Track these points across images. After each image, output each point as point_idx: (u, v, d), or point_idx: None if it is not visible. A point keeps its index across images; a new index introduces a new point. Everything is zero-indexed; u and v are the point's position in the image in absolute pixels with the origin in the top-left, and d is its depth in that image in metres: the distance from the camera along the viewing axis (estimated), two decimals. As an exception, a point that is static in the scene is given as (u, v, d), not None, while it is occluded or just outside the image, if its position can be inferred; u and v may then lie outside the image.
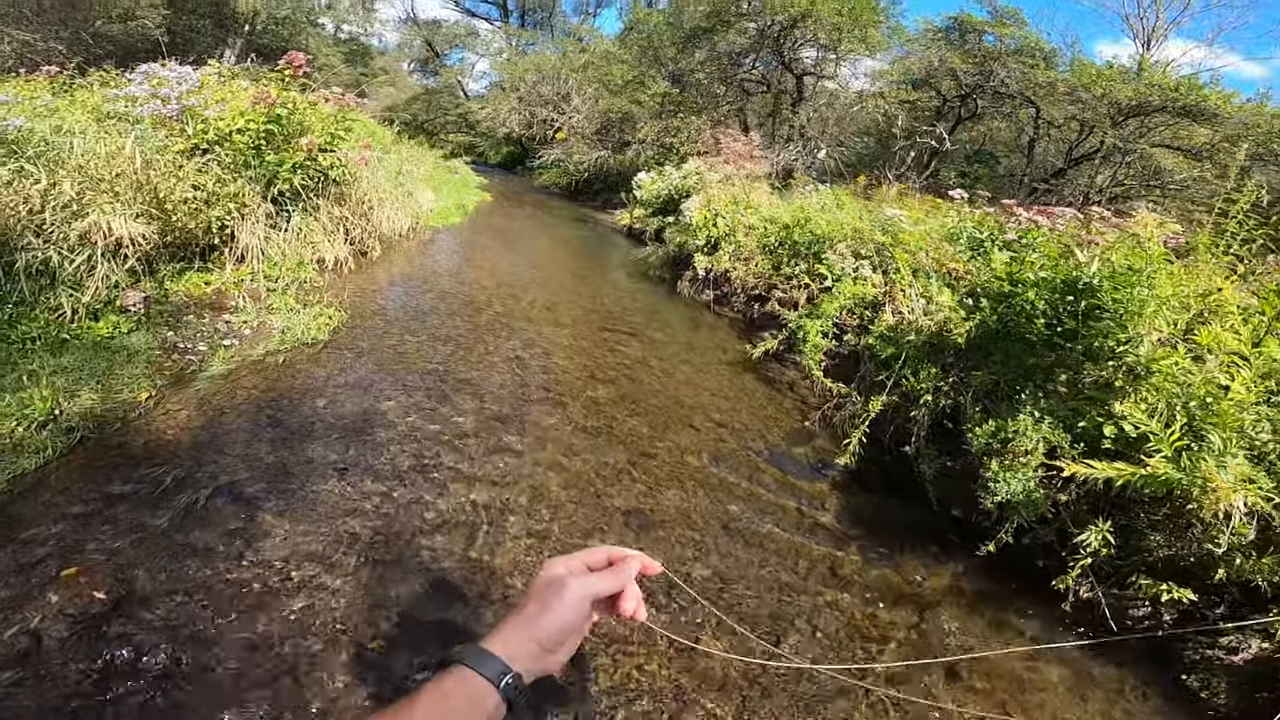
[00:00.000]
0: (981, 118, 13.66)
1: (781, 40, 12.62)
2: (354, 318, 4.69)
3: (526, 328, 5.21)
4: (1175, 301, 3.06)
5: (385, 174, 7.46)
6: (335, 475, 2.87)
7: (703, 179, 9.35)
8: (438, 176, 11.93)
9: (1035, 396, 3.19)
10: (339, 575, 2.32)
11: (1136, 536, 2.82)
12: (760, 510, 3.27)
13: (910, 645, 2.57)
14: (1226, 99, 10.33)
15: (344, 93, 6.64)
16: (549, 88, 18.39)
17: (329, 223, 5.92)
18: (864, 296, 5.00)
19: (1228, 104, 10.29)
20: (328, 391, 3.59)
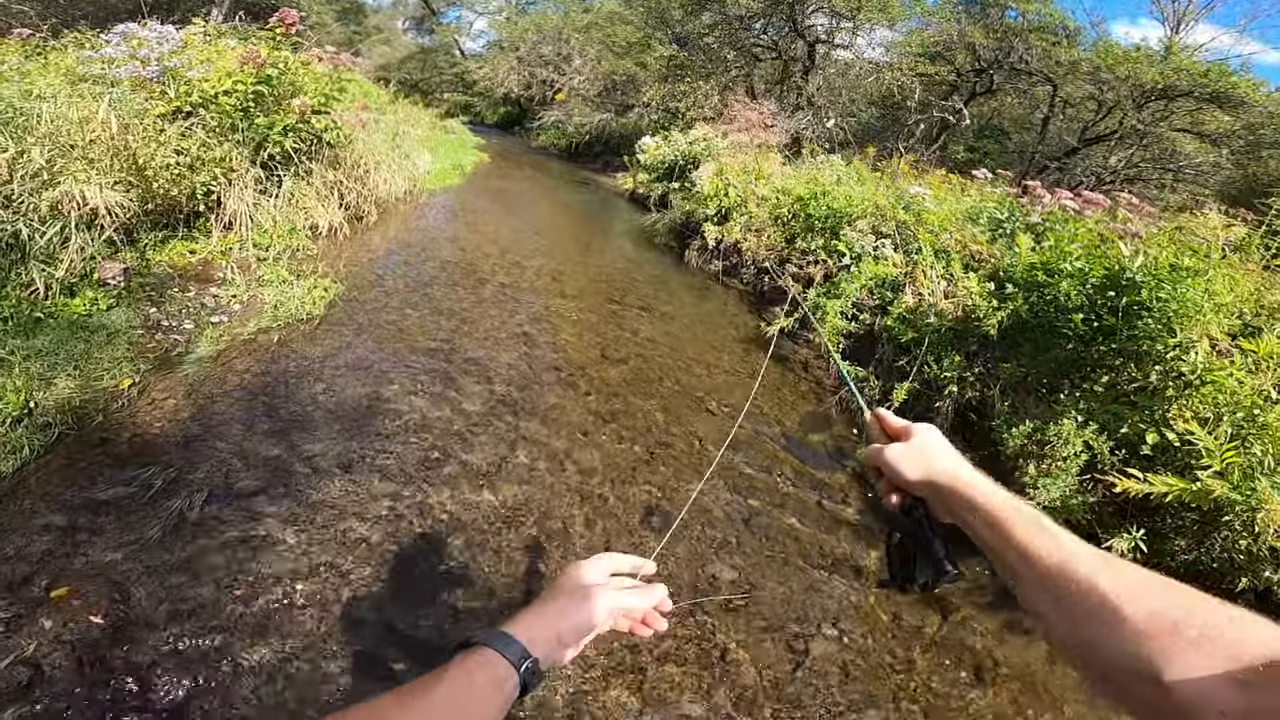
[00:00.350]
0: (996, 94, 13.27)
1: (795, 6, 12.11)
2: (351, 289, 4.46)
3: (533, 300, 5.00)
4: (1231, 307, 2.89)
5: (381, 136, 7.12)
6: (339, 473, 2.67)
7: (711, 146, 9.03)
8: (434, 137, 11.51)
9: (1074, 397, 3.04)
10: (351, 587, 2.15)
11: (1160, 540, 2.73)
12: (781, 504, 3.15)
13: (936, 645, 2.49)
14: (1255, 87, 10.09)
15: (338, 51, 6.27)
16: (550, 48, 17.73)
17: (322, 187, 5.62)
18: (884, 276, 4.81)
19: (1256, 92, 10.05)
20: (326, 375, 3.38)
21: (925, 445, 0.78)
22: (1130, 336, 3.06)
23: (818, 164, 7.86)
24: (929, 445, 0.78)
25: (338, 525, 2.39)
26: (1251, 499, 2.25)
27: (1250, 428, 2.54)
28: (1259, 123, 10.51)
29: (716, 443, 3.54)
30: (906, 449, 0.78)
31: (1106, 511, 2.83)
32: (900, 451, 0.78)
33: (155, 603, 1.95)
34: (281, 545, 2.25)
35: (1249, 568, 2.45)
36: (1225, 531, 2.54)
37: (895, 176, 7.17)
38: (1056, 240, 3.82)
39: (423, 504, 2.60)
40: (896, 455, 0.78)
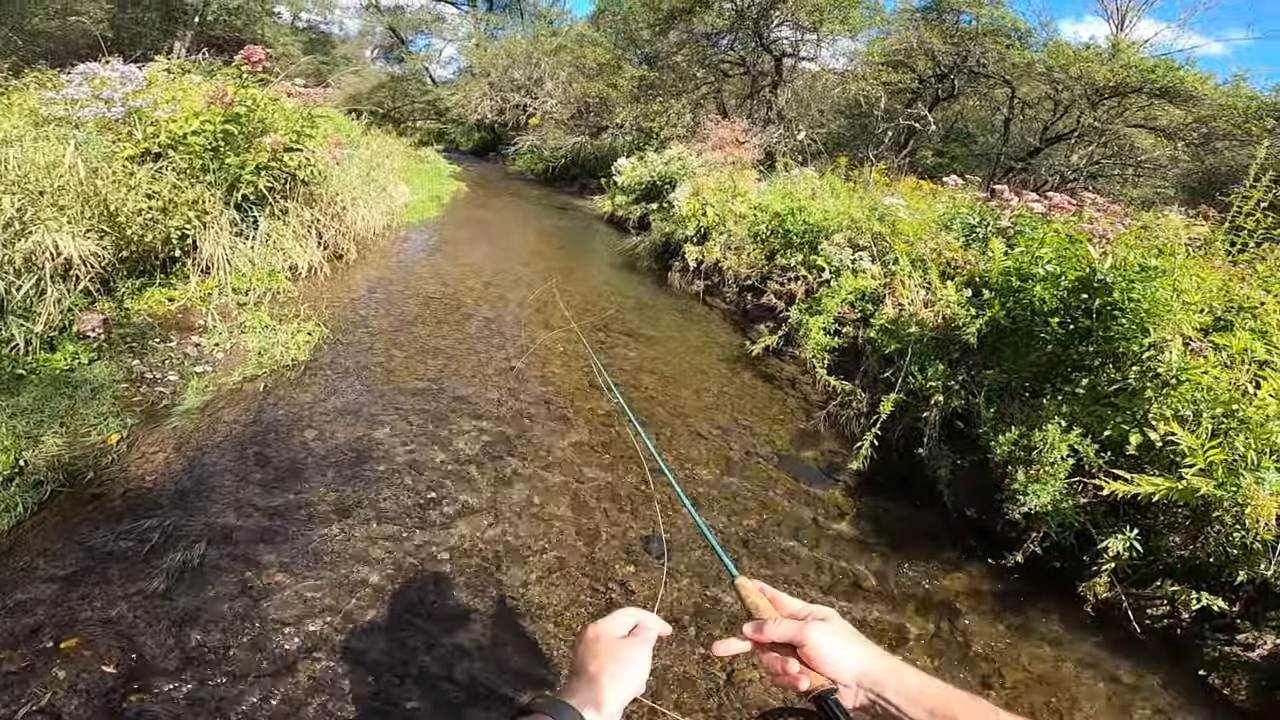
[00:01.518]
0: (958, 98, 13.61)
1: (760, 21, 12.36)
2: (335, 331, 4.43)
3: (519, 333, 5.00)
4: (1200, 304, 2.98)
5: (356, 170, 7.11)
6: (336, 518, 2.68)
7: (687, 165, 9.14)
8: (410, 168, 11.52)
9: (1056, 401, 3.10)
10: (358, 629, 2.18)
11: (1154, 537, 2.78)
12: (778, 524, 3.17)
13: (941, 655, 2.51)
14: (1203, 80, 10.43)
15: (307, 85, 6.26)
16: (521, 72, 17.86)
17: (299, 227, 5.59)
18: (864, 289, 4.89)
19: (1204, 85, 10.39)
20: (316, 421, 3.36)
21: (844, 629, 0.76)
22: (1106, 338, 3.13)
23: (792, 178, 7.98)
24: (847, 629, 0.76)
25: (339, 570, 2.40)
26: (1238, 495, 2.30)
27: (1230, 423, 2.61)
28: (1210, 115, 10.81)
29: (708, 466, 3.56)
30: (833, 630, 0.75)
31: (1099, 513, 2.87)
32: (830, 633, 0.74)
33: (165, 651, 1.98)
34: (285, 591, 2.27)
35: (1245, 561, 2.48)
36: (1217, 527, 2.60)
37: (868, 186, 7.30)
38: (1027, 244, 3.90)
39: (421, 545, 2.61)
40: (828, 636, 0.74)
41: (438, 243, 7.90)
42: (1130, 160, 12.73)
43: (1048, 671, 2.50)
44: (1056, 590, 2.86)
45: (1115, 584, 2.72)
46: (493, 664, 2.16)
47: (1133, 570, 2.78)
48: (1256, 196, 3.34)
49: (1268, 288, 3.32)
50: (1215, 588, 2.56)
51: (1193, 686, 2.50)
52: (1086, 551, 2.81)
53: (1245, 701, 2.42)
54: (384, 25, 27.99)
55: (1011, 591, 2.90)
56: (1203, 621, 2.66)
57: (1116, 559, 2.63)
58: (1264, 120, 9.93)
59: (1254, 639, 2.54)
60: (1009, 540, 2.99)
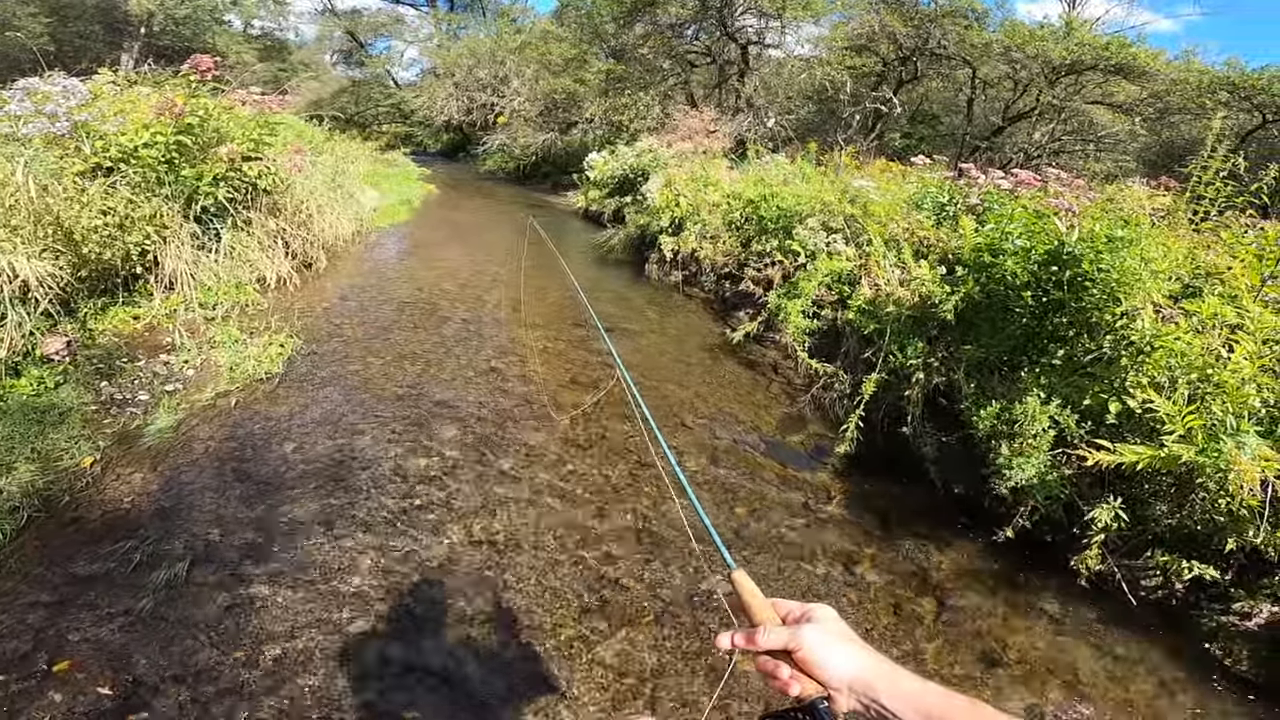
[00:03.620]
0: (921, 80, 13.74)
1: (724, 9, 12.34)
2: (308, 342, 4.33)
3: (497, 333, 4.94)
4: (1168, 271, 3.03)
5: (321, 176, 6.96)
6: (321, 530, 2.64)
7: (658, 157, 9.10)
8: (377, 172, 11.32)
9: (1034, 373, 3.14)
10: (351, 639, 2.17)
11: (1142, 507, 2.82)
12: (768, 510, 3.18)
13: (941, 635, 2.53)
14: (1155, 57, 10.69)
15: (264, 93, 6.11)
16: (486, 71, 17.62)
17: (264, 237, 5.46)
18: (840, 271, 4.91)
19: (1156, 61, 10.64)
20: (294, 433, 3.29)
21: (836, 630, 0.72)
22: (1079, 308, 3.18)
23: (763, 164, 7.99)
24: (840, 630, 0.72)
25: (328, 581, 2.39)
26: (1219, 460, 2.33)
27: (1206, 387, 2.65)
28: (1165, 90, 11.12)
29: (696, 456, 3.55)
30: (824, 633, 0.72)
31: (1085, 484, 2.90)
32: (821, 636, 0.71)
33: (159, 670, 1.97)
34: (275, 605, 2.26)
35: (1232, 528, 2.49)
36: (1202, 494, 2.63)
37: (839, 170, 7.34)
38: (996, 221, 3.94)
39: (410, 552, 2.58)
40: (819, 640, 0.71)
41: (410, 246, 7.78)
42: (1090, 136, 12.99)
43: (1048, 647, 2.52)
44: (1049, 564, 2.90)
45: (1106, 556, 2.74)
46: (489, 670, 2.14)
47: (1123, 541, 2.81)
48: (1215, 166, 3.40)
49: (1234, 253, 3.40)
50: (1206, 556, 2.57)
51: (1194, 657, 2.52)
52: (1075, 523, 2.84)
53: (1248, 671, 2.45)
54: (342, 29, 27.42)
55: (1004, 567, 2.93)
56: (1197, 591, 2.68)
57: (1105, 530, 2.66)
58: (1217, 93, 10.23)
59: (1250, 607, 2.57)
60: (998, 515, 3.02)
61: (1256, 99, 10.05)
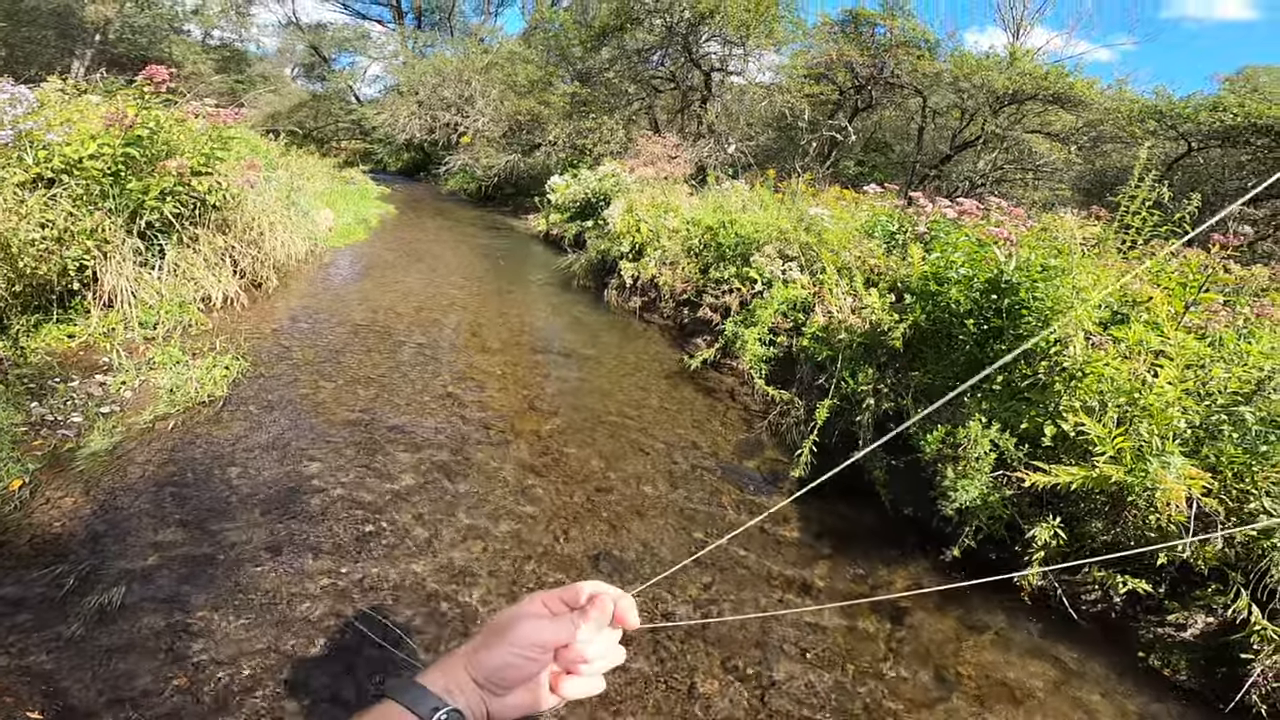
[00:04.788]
0: (875, 108, 14.29)
1: (690, 36, 12.65)
2: (256, 364, 4.21)
3: (454, 359, 4.88)
4: (1097, 300, 3.21)
5: (275, 193, 6.81)
6: (268, 556, 2.56)
7: (620, 182, 9.20)
8: (334, 190, 11.13)
9: (976, 399, 3.27)
10: (300, 666, 2.10)
11: (1078, 524, 2.95)
12: (726, 532, 3.18)
13: (895, 653, 2.58)
14: (1090, 86, 11.30)
15: (219, 105, 5.98)
16: (451, 90, 17.57)
17: (211, 254, 5.30)
18: (795, 299, 5.03)
19: (1091, 90, 11.25)
20: (238, 458, 3.18)
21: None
22: (1016, 335, 3.33)
23: (723, 191, 8.16)
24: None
25: (275, 607, 2.32)
26: (1147, 479, 2.47)
27: (1134, 410, 2.80)
28: (1098, 119, 11.70)
29: (654, 482, 3.56)
30: None
31: (1025, 503, 3.02)
32: None
33: (94, 695, 1.90)
34: (218, 632, 2.19)
35: (1162, 543, 2.63)
36: (1133, 511, 2.77)
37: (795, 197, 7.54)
38: (942, 249, 4.11)
39: (363, 578, 2.52)
40: None
41: (366, 268, 7.64)
42: (1029, 165, 13.66)
43: (997, 663, 2.59)
44: (995, 581, 2.98)
45: (1047, 572, 2.86)
46: None
47: (1062, 558, 2.93)
48: (1141, 196, 3.61)
49: (1157, 282, 3.61)
50: (1140, 571, 2.70)
51: (1134, 668, 2.63)
52: (1018, 542, 2.95)
53: (1186, 681, 2.55)
54: (305, 43, 27.02)
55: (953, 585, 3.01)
56: (1134, 604, 2.80)
57: (1045, 547, 2.77)
58: (1146, 122, 10.71)
59: (1184, 619, 2.69)
60: (945, 535, 3.11)
61: (1182, 127, 10.34)
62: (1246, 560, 2.58)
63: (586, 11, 14.92)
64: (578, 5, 15.83)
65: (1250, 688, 2.36)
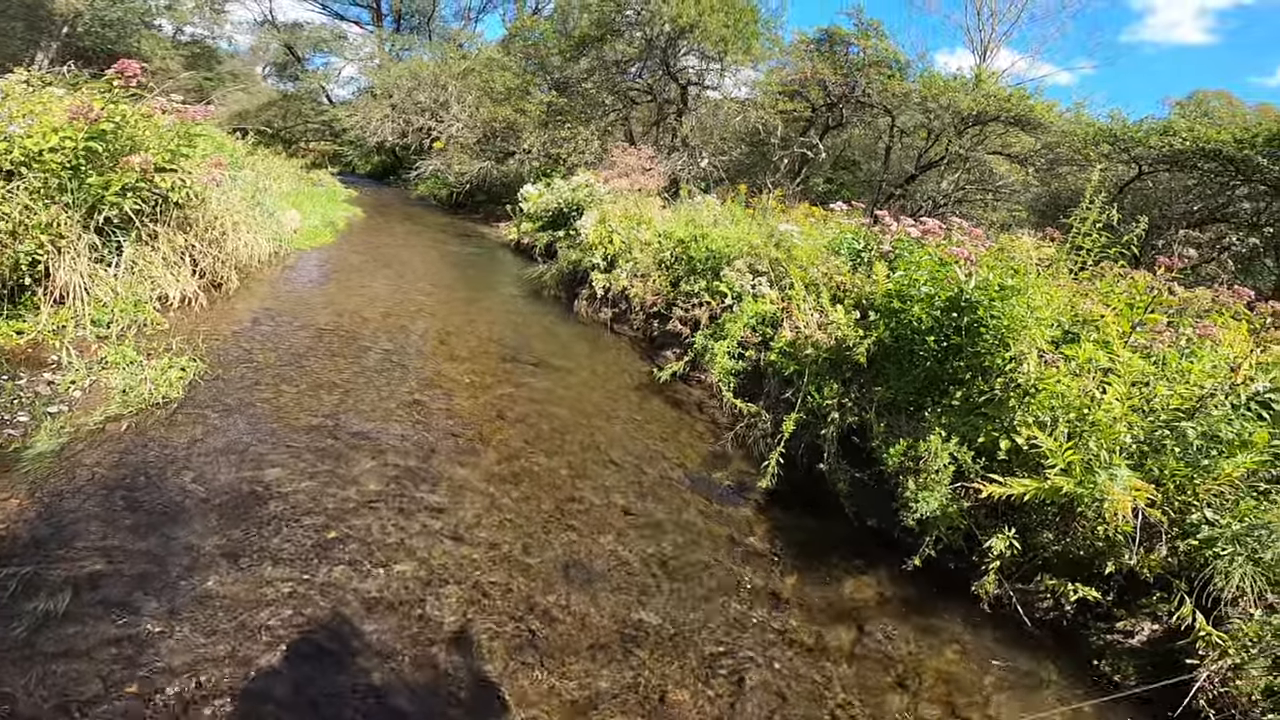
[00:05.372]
0: (845, 126, 14.64)
1: (669, 50, 12.81)
2: (214, 367, 4.09)
3: (422, 366, 4.82)
4: (1050, 319, 3.34)
5: (239, 193, 6.66)
6: (225, 563, 2.50)
7: (594, 192, 9.24)
8: (301, 191, 10.93)
9: (936, 413, 3.37)
10: (261, 675, 2.05)
11: (1031, 535, 3.05)
12: (694, 544, 3.22)
13: (860, 661, 2.63)
14: (1049, 108, 11.72)
15: (186, 101, 5.84)
16: (426, 95, 17.42)
17: (171, 253, 5.16)
18: (764, 314, 5.11)
19: (1050, 113, 11.67)
20: (194, 463, 3.08)
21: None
22: (974, 353, 3.44)
23: (695, 205, 8.25)
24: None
25: (234, 615, 2.26)
26: (1094, 491, 2.58)
27: (1083, 425, 2.92)
28: (1055, 142, 12.11)
29: (623, 492, 3.57)
30: None
31: (981, 515, 3.12)
32: None
33: (38, 700, 1.84)
34: (173, 639, 2.12)
35: (1110, 552, 2.75)
36: (1082, 522, 2.88)
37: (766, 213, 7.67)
38: (905, 268, 4.23)
39: (326, 586, 2.47)
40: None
41: (332, 271, 7.50)
42: (990, 185, 14.12)
43: (957, 669, 2.66)
44: (954, 590, 3.07)
45: (1003, 581, 2.95)
46: (415, 703, 2.07)
47: (1016, 567, 3.03)
48: (1092, 218, 3.77)
49: (1106, 302, 3.78)
50: (1089, 579, 2.81)
51: (1087, 675, 2.71)
52: (975, 551, 3.04)
53: (1136, 687, 2.64)
54: (280, 42, 26.53)
55: (915, 594, 3.08)
56: (1084, 611, 2.91)
57: (1000, 557, 2.86)
58: (1100, 145, 11.05)
59: (1131, 626, 2.80)
60: (907, 545, 3.18)
61: (1134, 151, 10.67)
62: (1189, 568, 2.70)
63: (567, 21, 15.00)
64: (559, 14, 15.89)
65: (1197, 693, 2.45)
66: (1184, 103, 17.53)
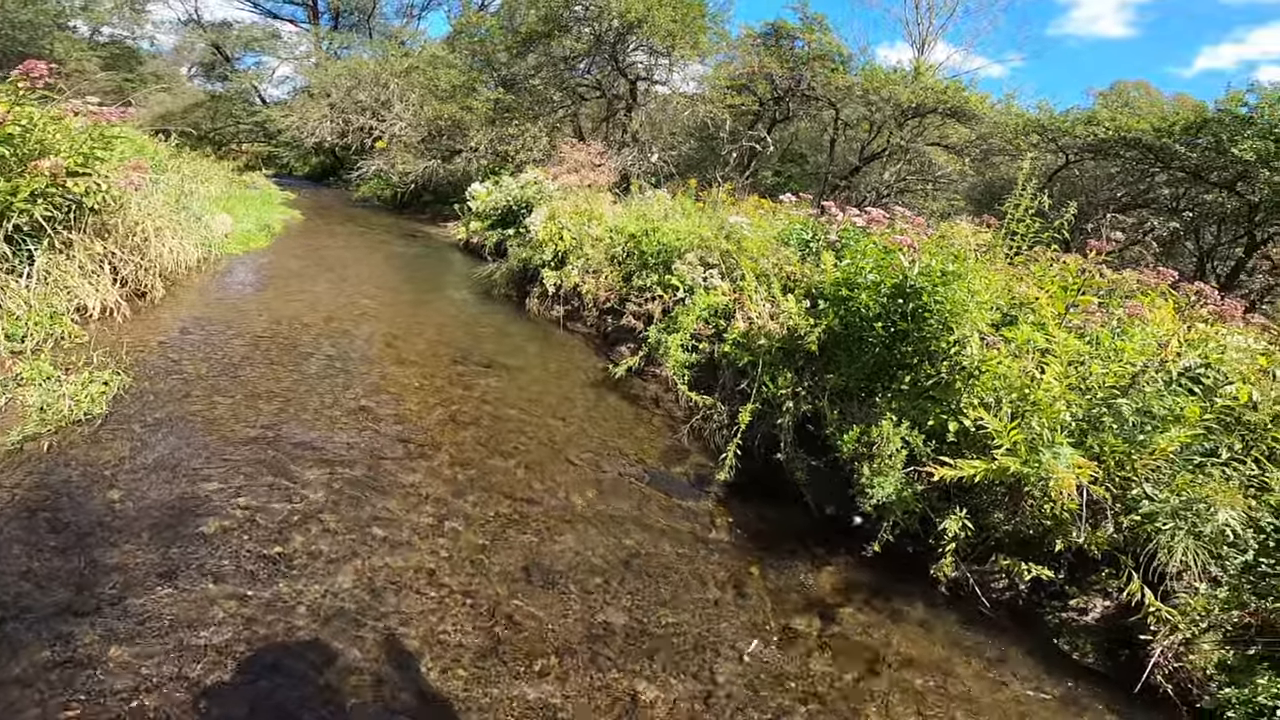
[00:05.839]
0: (792, 120, 14.87)
1: (617, 45, 12.73)
2: (140, 380, 3.85)
3: (368, 371, 4.64)
4: (989, 302, 3.43)
5: (163, 196, 6.29)
6: (161, 582, 2.37)
7: (543, 189, 9.11)
8: (233, 194, 10.42)
9: (887, 398, 3.43)
10: (210, 695, 1.97)
11: (983, 515, 3.13)
12: (656, 540, 3.20)
13: (827, 649, 2.65)
14: (983, 100, 12.17)
15: (103, 103, 5.48)
16: (366, 93, 16.83)
17: (89, 261, 4.84)
18: (716, 306, 5.12)
19: (983, 105, 12.11)
20: (121, 480, 2.90)
21: None
22: (920, 337, 3.52)
23: (646, 199, 8.23)
24: None
25: (175, 635, 2.16)
26: (1040, 470, 2.65)
27: (1025, 405, 3.02)
28: (989, 132, 12.59)
29: (581, 491, 3.51)
30: None
31: (935, 498, 3.17)
32: None
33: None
34: (111, 662, 2.01)
35: (1058, 530, 2.82)
36: (1030, 501, 2.96)
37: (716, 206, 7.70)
38: (852, 256, 4.30)
39: (272, 602, 2.36)
40: None
41: (268, 276, 7.16)
42: (930, 176, 14.60)
43: (922, 653, 2.70)
44: (914, 573, 3.12)
45: (959, 563, 3.01)
46: (366, 714, 2.00)
47: (971, 548, 3.09)
48: (1024, 205, 3.90)
49: (1041, 285, 3.91)
50: (1041, 558, 2.87)
51: (1045, 653, 2.77)
52: (931, 535, 3.09)
53: (1093, 663, 2.72)
54: (206, 42, 25.21)
55: (876, 580, 3.12)
56: (1038, 591, 2.97)
57: (955, 539, 2.91)
58: (1030, 135, 11.50)
59: (1084, 603, 2.87)
60: (866, 532, 3.22)
61: (1061, 140, 11.11)
62: (1135, 544, 2.78)
63: (514, 17, 14.75)
64: (505, 11, 15.60)
65: (1153, 669, 2.52)
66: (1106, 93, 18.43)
